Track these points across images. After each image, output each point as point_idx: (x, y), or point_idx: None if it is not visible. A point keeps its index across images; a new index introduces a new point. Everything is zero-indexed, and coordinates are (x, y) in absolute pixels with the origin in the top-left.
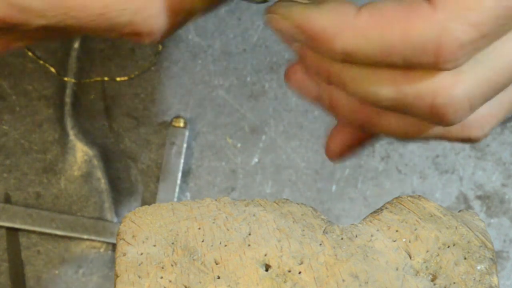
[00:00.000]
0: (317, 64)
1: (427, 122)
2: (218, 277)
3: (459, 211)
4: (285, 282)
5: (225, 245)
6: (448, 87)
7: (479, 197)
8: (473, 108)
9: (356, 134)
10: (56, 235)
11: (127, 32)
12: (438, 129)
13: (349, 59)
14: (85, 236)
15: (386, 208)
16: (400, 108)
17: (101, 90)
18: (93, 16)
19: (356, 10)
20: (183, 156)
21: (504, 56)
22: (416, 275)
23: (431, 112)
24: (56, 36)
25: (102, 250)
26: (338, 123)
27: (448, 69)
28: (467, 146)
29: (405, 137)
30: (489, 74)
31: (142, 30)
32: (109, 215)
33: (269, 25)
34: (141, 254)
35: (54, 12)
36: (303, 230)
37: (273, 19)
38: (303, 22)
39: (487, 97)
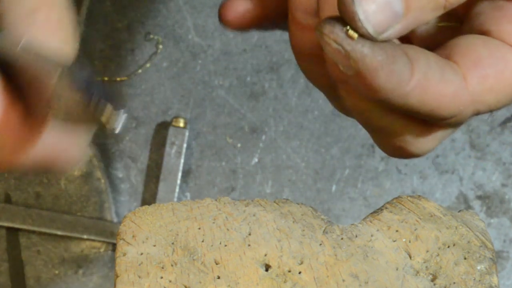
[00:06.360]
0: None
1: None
2: (218, 277)
3: (459, 211)
4: (285, 282)
5: (225, 245)
6: None
7: (479, 197)
8: None
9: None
10: (56, 235)
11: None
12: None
13: (382, 104)
14: (85, 236)
15: (386, 208)
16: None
17: None
18: None
19: (410, 69)
20: (183, 156)
21: None
22: (416, 275)
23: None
24: None
25: (102, 250)
26: None
27: None
28: (467, 146)
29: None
30: None
31: None
32: (109, 215)
33: (320, 41)
34: (141, 254)
35: None
36: (303, 230)
37: (328, 43)
38: (362, 69)
39: None
